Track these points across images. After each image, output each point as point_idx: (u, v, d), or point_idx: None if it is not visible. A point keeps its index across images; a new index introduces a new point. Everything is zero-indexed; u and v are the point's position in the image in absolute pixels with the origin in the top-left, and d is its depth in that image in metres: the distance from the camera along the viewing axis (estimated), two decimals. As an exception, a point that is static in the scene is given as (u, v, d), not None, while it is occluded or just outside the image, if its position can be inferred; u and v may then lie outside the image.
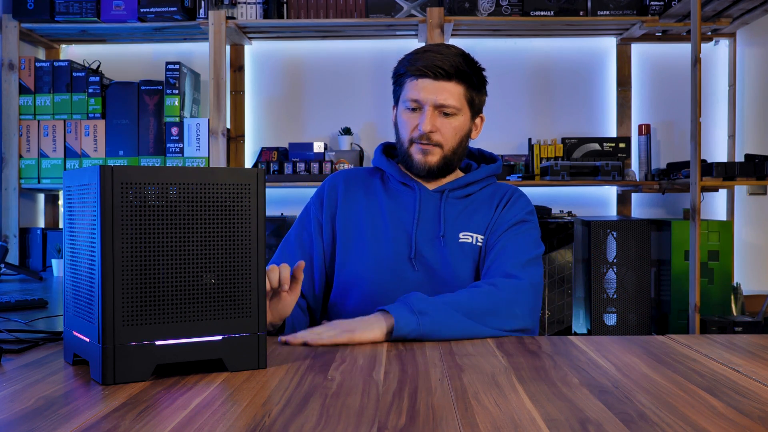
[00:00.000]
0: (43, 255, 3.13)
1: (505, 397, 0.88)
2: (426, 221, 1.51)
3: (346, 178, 1.60)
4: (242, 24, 3.07)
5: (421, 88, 1.47)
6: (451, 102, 1.48)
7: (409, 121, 1.50)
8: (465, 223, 1.52)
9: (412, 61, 1.49)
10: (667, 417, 0.80)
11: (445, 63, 1.46)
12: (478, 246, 1.51)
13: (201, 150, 3.06)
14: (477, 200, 1.55)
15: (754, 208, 3.31)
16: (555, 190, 3.34)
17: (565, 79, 3.38)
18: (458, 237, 1.50)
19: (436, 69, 1.46)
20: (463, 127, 1.52)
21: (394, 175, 1.56)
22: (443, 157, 1.51)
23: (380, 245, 1.50)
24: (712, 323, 2.71)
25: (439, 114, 1.49)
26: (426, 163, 1.50)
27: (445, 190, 1.54)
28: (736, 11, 2.98)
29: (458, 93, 1.49)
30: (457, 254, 1.49)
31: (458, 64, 1.48)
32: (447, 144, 1.50)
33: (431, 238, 1.50)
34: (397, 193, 1.56)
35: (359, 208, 1.55)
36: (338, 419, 0.79)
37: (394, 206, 1.54)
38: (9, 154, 3.06)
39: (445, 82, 1.47)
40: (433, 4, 3.08)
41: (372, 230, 1.52)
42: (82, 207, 0.98)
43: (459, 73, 1.47)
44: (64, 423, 0.78)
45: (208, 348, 0.99)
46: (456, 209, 1.53)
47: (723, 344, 1.20)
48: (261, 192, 1.02)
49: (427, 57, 1.47)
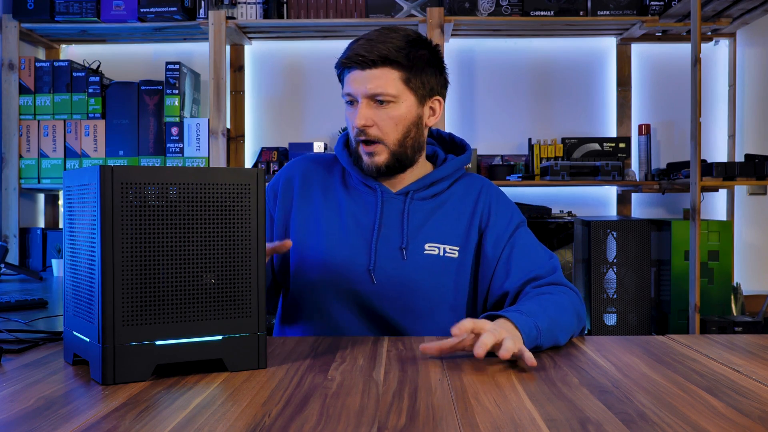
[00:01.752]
0: (43, 255, 3.12)
1: (505, 397, 0.88)
2: (388, 228, 1.40)
3: (303, 172, 1.48)
4: (242, 24, 3.07)
5: (352, 80, 1.36)
6: (383, 90, 1.34)
7: (350, 118, 1.39)
8: (431, 232, 1.41)
9: (343, 55, 1.38)
10: (667, 417, 0.80)
11: (371, 50, 1.34)
12: (449, 258, 1.40)
13: (201, 150, 3.06)
14: (447, 202, 1.44)
15: (754, 208, 3.31)
16: (555, 190, 3.34)
17: (565, 79, 3.38)
18: (423, 248, 1.40)
19: (359, 58, 1.34)
20: (406, 116, 1.37)
21: (355, 173, 1.44)
22: (391, 154, 1.38)
23: (337, 253, 1.39)
24: (712, 323, 2.71)
25: (374, 105, 1.36)
26: (373, 164, 1.38)
27: (409, 192, 1.42)
28: (736, 11, 2.98)
29: (391, 78, 1.35)
30: (421, 267, 1.39)
31: (385, 48, 1.34)
32: (388, 137, 1.37)
33: (393, 248, 1.39)
34: (358, 193, 1.44)
35: (316, 208, 1.44)
36: (338, 419, 0.79)
37: (354, 208, 1.42)
38: (9, 154, 3.06)
39: (373, 70, 1.34)
40: (433, 4, 3.08)
41: (329, 236, 1.41)
42: (82, 207, 0.98)
43: (385, 58, 1.34)
44: (64, 423, 0.78)
45: (208, 348, 0.99)
46: (422, 214, 1.42)
47: (723, 344, 1.20)
48: (261, 192, 1.02)
49: (354, 47, 1.36)
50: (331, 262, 1.40)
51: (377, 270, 1.39)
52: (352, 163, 1.45)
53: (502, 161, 3.28)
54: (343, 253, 1.39)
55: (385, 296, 1.39)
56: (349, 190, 1.45)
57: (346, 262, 1.39)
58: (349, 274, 1.39)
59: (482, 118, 3.38)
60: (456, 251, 1.41)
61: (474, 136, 3.37)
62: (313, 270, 1.41)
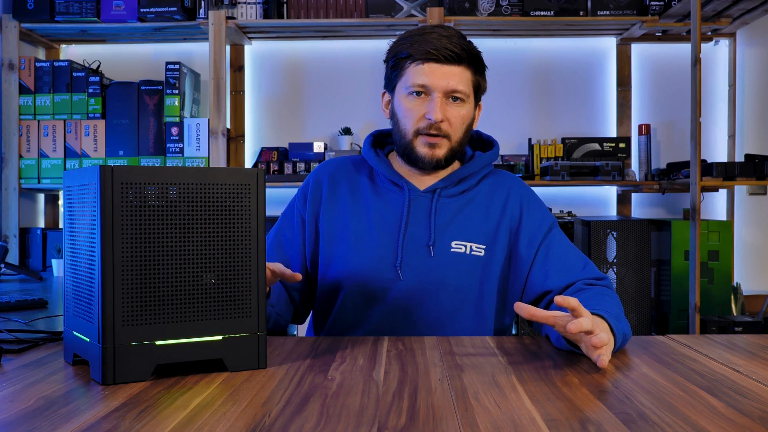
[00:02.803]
0: (43, 255, 3.12)
1: (505, 397, 0.88)
2: (415, 226, 1.41)
3: (331, 173, 1.48)
4: (242, 24, 3.07)
5: (429, 72, 1.35)
6: (462, 87, 1.36)
7: (414, 109, 1.37)
8: (458, 229, 1.41)
9: (416, 43, 1.36)
10: (667, 417, 0.80)
11: (455, 45, 1.35)
12: (475, 256, 1.40)
13: (201, 150, 3.06)
14: (474, 200, 1.44)
15: (754, 208, 3.31)
16: (555, 190, 3.34)
17: (565, 79, 3.38)
18: (450, 246, 1.40)
19: (445, 51, 1.34)
20: (469, 116, 1.41)
21: (383, 172, 1.45)
22: (450, 149, 1.39)
23: (365, 251, 1.40)
24: (712, 323, 2.71)
25: (447, 101, 1.37)
26: (434, 157, 1.39)
27: (437, 190, 1.43)
28: (736, 11, 2.98)
29: (467, 78, 1.37)
30: (448, 264, 1.39)
31: (466, 46, 1.36)
32: (455, 135, 1.39)
33: (420, 245, 1.40)
34: (385, 191, 1.45)
35: (344, 208, 1.44)
36: (338, 419, 0.79)
37: (381, 207, 1.43)
38: (9, 154, 3.06)
39: (454, 66, 1.35)
40: (433, 4, 3.08)
41: (356, 234, 1.41)
42: (82, 207, 0.98)
43: (469, 56, 1.36)
44: (64, 423, 0.78)
45: (208, 348, 0.99)
46: (449, 212, 1.42)
47: (723, 344, 1.20)
48: (261, 192, 1.02)
49: (432, 39, 1.35)
50: (358, 260, 1.40)
51: (404, 267, 1.39)
52: (385, 158, 1.47)
53: (502, 161, 3.28)
54: (370, 251, 1.40)
55: (412, 293, 1.38)
56: (376, 190, 1.45)
57: (374, 259, 1.39)
58: (376, 271, 1.39)
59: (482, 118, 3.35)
60: (482, 250, 1.41)
61: (474, 136, 3.36)
62: (341, 268, 1.41)
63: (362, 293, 1.40)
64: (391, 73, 1.43)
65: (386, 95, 1.47)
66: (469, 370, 1.02)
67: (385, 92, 1.47)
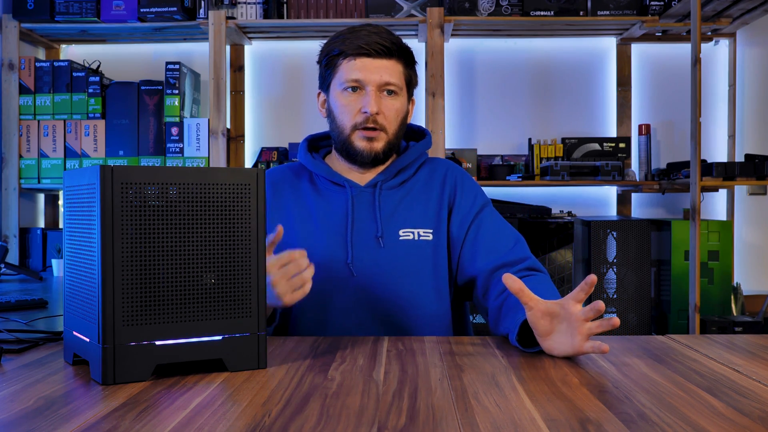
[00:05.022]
0: (43, 255, 3.12)
1: (505, 397, 0.88)
2: (361, 221, 1.42)
3: (272, 183, 1.50)
4: (242, 24, 3.07)
5: (362, 67, 1.38)
6: (394, 80, 1.40)
7: (350, 104, 1.40)
8: (404, 217, 1.43)
9: (347, 41, 1.40)
10: (667, 417, 0.80)
11: (385, 40, 1.39)
12: (424, 241, 1.42)
13: (201, 150, 3.06)
14: (414, 188, 1.47)
15: (754, 208, 3.31)
16: (555, 190, 3.34)
17: (565, 79, 3.38)
18: (398, 234, 1.42)
19: (376, 46, 1.38)
20: (403, 109, 1.45)
21: (322, 174, 1.46)
22: (387, 143, 1.42)
23: (314, 252, 1.38)
24: (712, 323, 2.71)
25: (381, 95, 1.40)
26: (372, 150, 1.41)
27: (377, 183, 1.45)
28: (736, 11, 2.98)
29: (399, 71, 1.41)
30: (399, 254, 1.41)
31: (396, 40, 1.40)
32: (390, 127, 1.42)
33: (368, 239, 1.41)
34: (327, 193, 1.46)
35: (289, 215, 1.46)
36: (338, 419, 0.79)
37: (325, 208, 1.45)
38: (9, 154, 3.06)
39: (386, 60, 1.39)
40: (433, 4, 3.08)
41: (305, 238, 1.43)
42: (82, 207, 0.98)
43: (399, 49, 1.40)
44: (64, 423, 0.78)
45: (208, 348, 0.99)
46: (392, 202, 1.44)
47: (723, 344, 1.20)
48: (261, 192, 1.02)
49: (363, 35, 1.39)
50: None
51: (356, 262, 1.40)
52: (321, 159, 1.49)
53: (502, 161, 3.28)
54: (319, 252, 1.40)
55: (367, 288, 1.40)
56: (319, 192, 1.47)
57: (324, 260, 1.40)
58: (328, 271, 1.39)
59: (482, 118, 3.38)
60: (430, 234, 1.44)
61: (474, 136, 3.37)
62: None
63: (318, 294, 1.38)
64: (324, 72, 1.46)
65: (321, 95, 1.49)
66: (469, 370, 1.02)
67: (320, 92, 1.49)
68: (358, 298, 1.40)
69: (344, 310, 1.41)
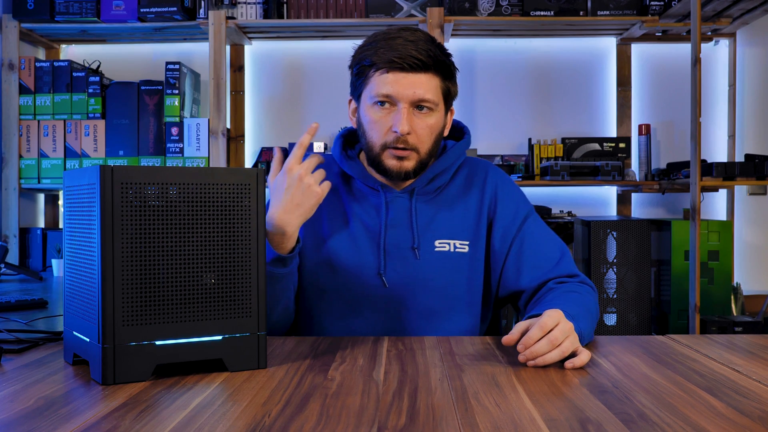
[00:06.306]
0: (43, 255, 3.12)
1: (505, 397, 0.88)
2: (396, 229, 1.36)
3: None
4: (242, 24, 3.07)
5: (394, 81, 1.28)
6: (429, 96, 1.29)
7: (380, 120, 1.31)
8: (440, 227, 1.37)
9: (380, 50, 1.29)
10: (667, 417, 0.80)
11: (420, 52, 1.27)
12: (460, 253, 1.36)
13: (201, 150, 3.06)
14: (450, 194, 1.40)
15: (754, 208, 3.31)
16: (555, 190, 3.34)
17: (565, 79, 3.38)
18: (434, 245, 1.36)
19: (410, 60, 1.26)
20: (438, 125, 1.34)
21: (357, 177, 1.39)
22: (419, 162, 1.33)
23: (345, 258, 1.34)
24: (712, 323, 2.71)
25: (414, 111, 1.30)
26: (402, 170, 1.32)
27: (414, 189, 1.37)
28: (736, 11, 2.98)
29: (435, 86, 1.30)
30: (433, 265, 1.35)
31: (433, 51, 1.28)
32: (423, 147, 1.32)
33: (403, 249, 1.35)
34: (362, 195, 1.40)
35: (320, 212, 1.38)
36: (338, 419, 0.79)
37: (359, 211, 1.38)
38: (9, 154, 3.06)
39: (421, 74, 1.28)
40: (433, 4, 3.08)
41: (337, 242, 1.36)
42: (82, 207, 0.98)
43: (436, 62, 1.29)
44: (64, 423, 0.78)
45: (208, 348, 0.99)
46: (429, 211, 1.38)
47: (723, 344, 1.20)
48: (261, 192, 1.02)
49: (397, 45, 1.28)
50: (340, 269, 1.36)
51: (388, 272, 1.35)
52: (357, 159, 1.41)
53: (502, 161, 3.28)
54: (351, 259, 1.35)
55: (399, 299, 1.35)
56: (352, 193, 1.41)
57: (356, 267, 1.35)
58: (359, 279, 1.34)
59: (482, 118, 3.38)
60: (466, 246, 1.38)
61: (474, 136, 3.37)
62: (322, 278, 1.37)
63: (346, 301, 1.36)
64: (356, 81, 1.37)
65: (352, 103, 1.41)
66: (469, 370, 1.02)
67: (351, 99, 1.42)
68: (388, 309, 1.36)
69: (372, 320, 1.36)
